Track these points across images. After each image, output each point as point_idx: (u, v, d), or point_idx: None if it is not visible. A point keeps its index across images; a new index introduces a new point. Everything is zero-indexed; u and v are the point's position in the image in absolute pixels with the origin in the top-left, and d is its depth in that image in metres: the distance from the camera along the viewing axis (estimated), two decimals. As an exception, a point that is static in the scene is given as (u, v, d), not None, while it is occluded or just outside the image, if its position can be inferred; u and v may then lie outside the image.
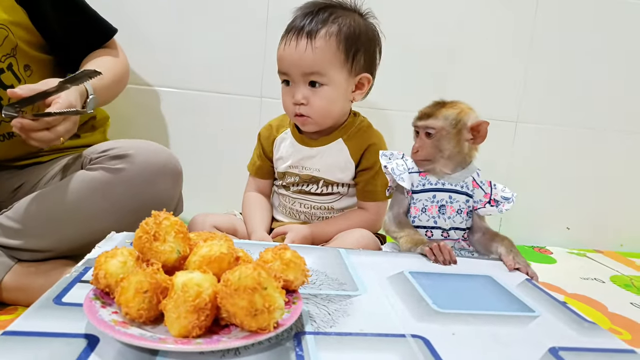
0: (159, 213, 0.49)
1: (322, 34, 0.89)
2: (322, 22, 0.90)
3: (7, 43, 0.86)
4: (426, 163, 0.80)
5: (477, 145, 0.81)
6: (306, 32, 0.89)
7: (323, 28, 0.89)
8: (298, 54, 0.89)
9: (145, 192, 0.83)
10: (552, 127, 1.37)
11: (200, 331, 0.42)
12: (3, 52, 0.86)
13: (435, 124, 0.78)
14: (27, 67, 0.91)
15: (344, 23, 0.91)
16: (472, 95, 1.28)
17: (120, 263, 0.47)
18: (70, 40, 0.96)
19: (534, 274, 0.72)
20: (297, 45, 0.89)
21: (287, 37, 0.91)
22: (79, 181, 0.82)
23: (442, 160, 0.79)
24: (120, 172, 0.82)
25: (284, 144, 1.02)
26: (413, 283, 0.65)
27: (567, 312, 0.60)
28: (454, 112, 0.78)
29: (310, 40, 0.88)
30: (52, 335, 0.43)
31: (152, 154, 0.86)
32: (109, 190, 0.81)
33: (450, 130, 0.77)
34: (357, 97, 0.97)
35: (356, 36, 0.92)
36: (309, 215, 1.02)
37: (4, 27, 0.85)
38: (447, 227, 0.80)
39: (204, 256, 0.47)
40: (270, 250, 0.52)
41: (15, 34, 0.87)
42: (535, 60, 1.32)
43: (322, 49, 0.88)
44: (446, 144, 0.78)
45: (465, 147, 0.79)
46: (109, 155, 0.84)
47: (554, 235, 1.42)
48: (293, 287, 0.51)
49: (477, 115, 0.79)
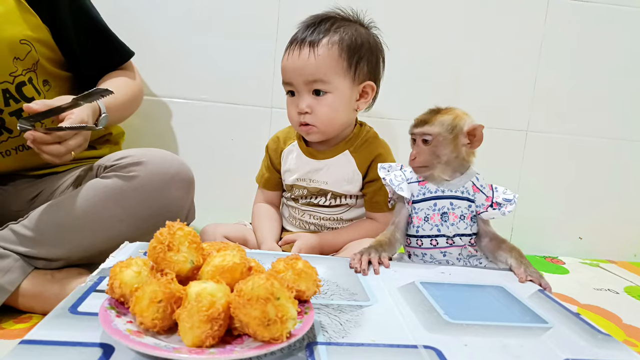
0: (173, 223, 0.49)
1: (324, 42, 0.90)
2: (324, 32, 0.91)
3: (29, 58, 0.90)
4: (424, 170, 0.80)
5: (474, 150, 0.81)
6: (308, 42, 0.90)
7: (325, 37, 0.91)
8: (301, 63, 0.90)
9: (158, 199, 0.84)
10: (563, 136, 1.36)
11: (213, 341, 0.42)
12: (25, 66, 0.89)
13: (432, 130, 0.78)
14: (46, 83, 0.94)
15: (346, 32, 0.92)
16: (481, 104, 1.30)
17: (134, 273, 0.48)
18: (88, 60, 0.99)
19: (547, 285, 0.71)
20: (300, 54, 0.90)
21: (290, 48, 0.93)
22: (92, 189, 0.84)
23: (439, 166, 0.79)
24: (133, 179, 0.83)
25: (291, 156, 1.03)
26: (424, 293, 0.64)
27: (581, 324, 0.59)
28: (450, 118, 0.79)
29: (312, 49, 0.90)
30: (68, 344, 0.44)
31: (165, 161, 0.87)
32: (122, 197, 0.83)
33: (447, 135, 0.78)
34: (361, 105, 0.98)
35: (358, 45, 0.93)
36: (318, 226, 1.02)
37: (27, 43, 0.89)
38: (451, 234, 0.80)
39: (217, 266, 0.48)
40: (282, 260, 0.52)
41: (38, 51, 0.91)
42: (545, 68, 1.32)
43: (324, 57, 0.90)
44: (443, 149, 0.78)
45: (462, 152, 0.79)
46: (122, 163, 0.85)
47: (566, 245, 1.41)
48: (305, 297, 0.51)
49: (473, 120, 0.79)
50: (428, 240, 0.82)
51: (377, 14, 0.99)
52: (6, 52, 0.86)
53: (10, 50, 0.87)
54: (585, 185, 1.39)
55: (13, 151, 0.93)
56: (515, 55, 1.31)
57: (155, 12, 1.19)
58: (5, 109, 0.89)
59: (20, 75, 0.89)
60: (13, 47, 0.87)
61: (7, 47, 0.86)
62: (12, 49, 0.87)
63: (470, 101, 1.29)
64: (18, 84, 0.89)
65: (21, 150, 0.93)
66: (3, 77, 0.87)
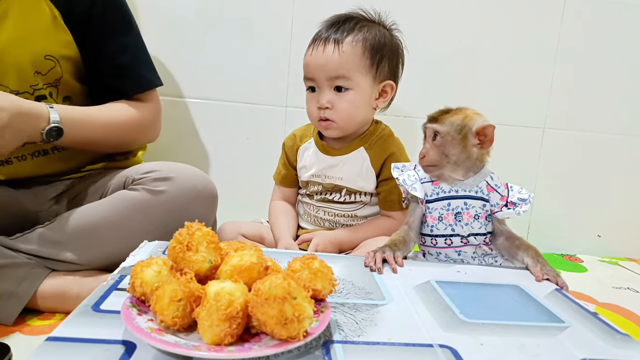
0: (192, 224, 0.50)
1: (348, 40, 0.92)
2: (348, 30, 0.93)
3: (52, 74, 0.91)
4: (433, 169, 0.80)
5: (488, 150, 0.81)
6: (333, 39, 0.92)
7: (349, 35, 0.92)
8: (325, 59, 0.92)
9: (183, 214, 0.85)
10: (581, 133, 1.35)
11: (232, 339, 0.43)
12: (46, 80, 0.91)
13: (441, 129, 0.78)
14: (67, 98, 0.96)
15: (370, 32, 0.94)
16: (498, 101, 1.29)
17: (155, 272, 0.49)
18: (104, 80, 0.97)
19: (564, 284, 0.71)
20: (325, 51, 0.92)
21: (314, 45, 0.95)
22: (120, 199, 0.86)
23: (449, 166, 0.79)
24: (161, 194, 0.85)
25: (307, 153, 1.04)
26: (440, 292, 0.65)
27: (599, 323, 0.59)
28: (459, 118, 0.78)
29: (337, 46, 0.91)
30: (91, 341, 0.45)
31: (192, 178, 0.89)
32: (149, 210, 0.85)
33: (456, 135, 0.78)
34: (380, 104, 0.99)
35: (381, 45, 0.94)
36: (333, 223, 1.03)
37: (52, 59, 0.90)
38: (466, 234, 0.80)
39: (235, 266, 0.48)
40: (298, 260, 0.53)
41: (63, 67, 0.92)
42: (562, 64, 1.31)
43: (348, 54, 0.91)
44: (452, 149, 0.78)
45: (473, 152, 0.79)
46: (151, 177, 0.87)
47: (585, 243, 1.39)
48: (321, 296, 0.52)
49: (485, 120, 0.79)
50: (442, 239, 0.82)
51: (394, 11, 0.99)
52: (28, 66, 0.88)
53: (32, 64, 0.88)
54: (604, 182, 1.37)
55: (29, 156, 0.94)
56: (532, 52, 1.30)
57: (170, 12, 1.21)
58: None
59: (41, 89, 0.91)
60: (36, 61, 0.89)
61: (30, 60, 0.88)
62: (35, 63, 0.89)
63: (487, 98, 1.28)
64: (37, 97, 0.90)
65: (37, 156, 0.95)
66: (23, 88, 0.89)
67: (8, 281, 0.76)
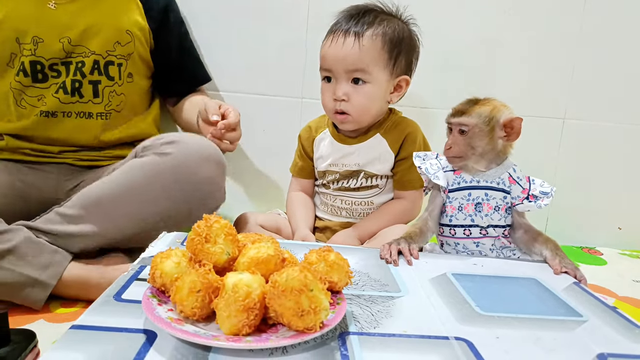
0: (210, 216, 0.51)
1: (368, 34, 0.92)
2: (368, 23, 0.94)
3: (127, 48, 1.04)
4: (458, 160, 0.80)
5: (512, 142, 0.80)
6: (353, 32, 0.93)
7: (369, 29, 0.93)
8: (344, 52, 0.92)
9: (191, 178, 0.87)
10: (601, 124, 1.32)
11: (249, 329, 0.44)
12: (122, 52, 1.04)
13: (469, 121, 0.77)
14: (130, 75, 1.07)
15: (389, 26, 0.95)
16: (517, 92, 1.27)
17: (174, 264, 0.50)
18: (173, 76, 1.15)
19: (583, 277, 0.70)
20: (344, 43, 0.92)
21: (334, 36, 0.95)
22: (131, 167, 0.89)
23: (474, 158, 0.79)
24: (168, 156, 0.87)
25: (324, 143, 1.05)
26: (456, 285, 0.65)
27: (617, 317, 0.58)
28: (487, 109, 0.78)
29: (357, 39, 0.92)
30: (114, 330, 0.46)
31: (198, 143, 0.91)
32: (157, 173, 0.87)
33: (484, 127, 0.77)
34: (394, 98, 1.00)
35: (400, 40, 0.95)
36: (350, 211, 1.03)
37: (131, 35, 1.04)
38: (485, 225, 0.80)
39: (252, 258, 0.49)
40: (315, 252, 0.54)
41: (136, 47, 1.05)
42: (584, 54, 1.28)
43: (368, 48, 0.92)
44: (479, 141, 0.77)
45: (498, 144, 0.78)
46: (159, 142, 0.91)
47: (605, 235, 1.36)
48: (337, 288, 0.52)
49: (512, 112, 0.78)
50: (461, 230, 0.82)
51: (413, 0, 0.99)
52: (111, 34, 1.02)
53: (115, 33, 1.02)
54: (625, 174, 1.34)
55: (74, 115, 1.02)
56: (552, 41, 1.27)
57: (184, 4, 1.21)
58: (88, 77, 1.01)
59: (115, 57, 1.03)
60: (119, 32, 1.02)
61: (115, 30, 1.02)
62: (118, 33, 1.02)
63: (505, 88, 1.26)
64: (108, 62, 1.02)
65: (81, 117, 1.02)
66: (100, 50, 1.01)
67: (33, 268, 0.78)
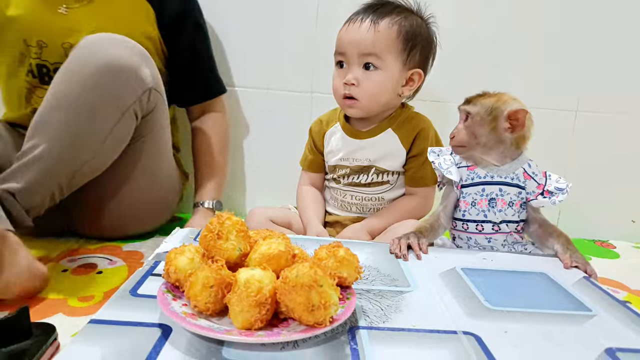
0: (222, 214, 0.52)
1: (385, 21, 0.93)
2: (386, 13, 0.94)
3: None
4: (462, 150, 0.80)
5: (524, 136, 0.79)
6: (370, 17, 0.94)
7: (387, 17, 0.94)
8: (359, 35, 0.93)
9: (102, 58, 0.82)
10: (612, 115, 1.30)
11: (261, 324, 0.45)
12: None
13: (472, 109, 0.79)
14: None
15: (407, 20, 0.95)
16: (529, 84, 1.26)
17: (188, 259, 0.51)
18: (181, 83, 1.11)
19: (593, 272, 0.70)
20: (361, 27, 0.93)
21: (351, 21, 0.96)
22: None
23: (478, 148, 0.79)
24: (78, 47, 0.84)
25: (334, 137, 1.05)
26: (465, 279, 0.65)
27: (627, 312, 0.58)
28: (492, 100, 0.78)
29: (373, 24, 0.93)
30: (130, 324, 0.48)
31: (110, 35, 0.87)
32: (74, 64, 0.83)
33: (485, 116, 0.77)
34: (405, 91, 0.99)
35: (416, 34, 0.95)
36: (360, 207, 1.04)
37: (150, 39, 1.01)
38: (498, 221, 0.80)
39: (264, 254, 0.50)
40: (325, 248, 0.55)
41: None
42: (594, 46, 1.26)
43: (383, 33, 0.92)
44: (480, 130, 0.78)
45: (506, 137, 0.78)
46: None
47: (618, 228, 1.35)
48: (347, 284, 0.53)
49: (522, 104, 0.78)
50: (474, 225, 0.82)
51: None
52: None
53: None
54: (637, 166, 1.32)
55: None
56: (565, 34, 1.26)
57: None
58: None
59: None
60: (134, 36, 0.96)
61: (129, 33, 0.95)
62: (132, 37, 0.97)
63: (519, 81, 1.26)
64: None
65: None
66: None
67: None
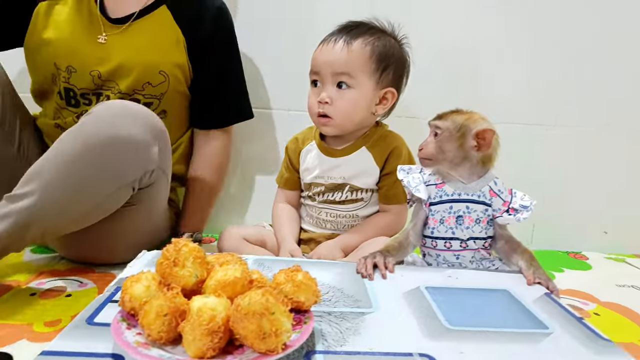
0: (179, 240, 0.52)
1: (359, 41, 0.96)
2: (360, 34, 0.97)
3: (160, 87, 1.00)
4: (429, 162, 0.82)
5: (491, 155, 0.81)
6: (344, 38, 0.96)
7: (360, 38, 0.96)
8: (333, 54, 0.95)
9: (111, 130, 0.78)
10: (586, 129, 1.33)
11: (214, 352, 0.45)
12: (153, 92, 1.00)
13: (441, 124, 0.80)
14: (164, 112, 1.03)
15: (380, 40, 0.98)
16: (506, 100, 1.28)
17: (144, 287, 0.51)
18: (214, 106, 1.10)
19: (555, 288, 0.71)
20: (334, 47, 0.96)
21: (325, 41, 0.98)
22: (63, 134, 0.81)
23: (445, 163, 0.80)
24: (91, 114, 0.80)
25: (310, 155, 1.06)
26: (428, 299, 0.66)
27: (584, 329, 0.59)
28: (463, 118, 0.80)
29: (347, 44, 0.95)
30: (83, 355, 0.48)
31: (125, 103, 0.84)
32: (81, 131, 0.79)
33: (454, 133, 0.79)
34: (379, 110, 1.01)
35: (389, 54, 0.98)
36: (335, 224, 1.04)
37: (164, 75, 0.99)
38: (465, 238, 0.81)
39: (219, 280, 0.50)
40: (283, 272, 0.55)
41: (171, 85, 1.01)
42: (565, 62, 1.29)
43: (356, 53, 0.95)
44: (448, 145, 0.79)
45: (472, 154, 0.79)
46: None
47: (591, 239, 1.37)
48: (305, 308, 0.53)
49: (490, 125, 0.79)
50: (442, 242, 0.83)
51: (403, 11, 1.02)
52: (142, 75, 0.97)
53: (147, 73, 0.97)
54: (609, 178, 1.35)
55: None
56: (540, 50, 1.29)
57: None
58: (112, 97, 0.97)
59: (142, 96, 0.99)
60: (152, 73, 0.98)
61: (147, 71, 0.97)
62: (149, 74, 0.98)
63: (495, 97, 1.28)
64: (134, 99, 0.97)
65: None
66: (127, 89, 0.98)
67: None
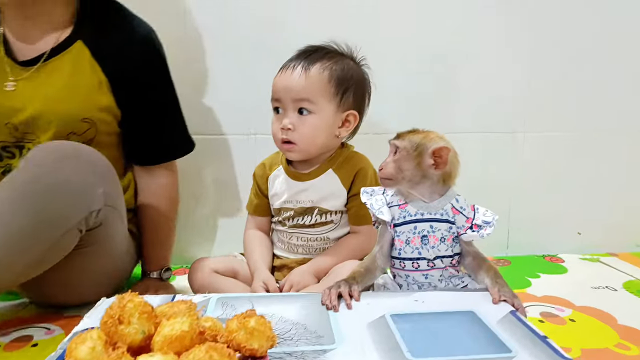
0: (124, 295, 0.51)
1: (316, 67, 0.96)
2: (318, 58, 0.97)
3: (87, 135, 0.95)
4: (389, 182, 0.82)
5: (451, 173, 0.81)
6: (302, 64, 0.96)
7: (318, 62, 0.96)
8: (291, 81, 0.96)
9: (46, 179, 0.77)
10: (557, 133, 1.35)
11: (161, 414, 0.44)
12: (80, 139, 0.94)
13: (399, 143, 0.81)
14: None
15: (338, 64, 0.98)
16: (474, 108, 1.29)
17: (89, 349, 0.49)
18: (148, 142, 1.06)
19: (520, 305, 0.71)
20: (293, 74, 0.96)
21: (284, 68, 0.98)
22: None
23: (404, 182, 0.80)
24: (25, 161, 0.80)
25: (278, 180, 1.05)
26: (392, 328, 0.65)
27: (547, 350, 0.59)
28: (420, 137, 0.80)
29: (305, 71, 0.95)
30: None
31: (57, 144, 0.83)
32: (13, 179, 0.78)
33: (411, 152, 0.79)
34: (342, 132, 1.01)
35: (348, 77, 0.98)
36: (306, 248, 1.04)
37: (89, 122, 0.94)
38: (432, 257, 0.81)
39: (166, 336, 0.49)
40: (236, 318, 0.54)
41: (99, 129, 0.97)
42: (537, 68, 1.31)
43: (314, 79, 0.95)
44: (406, 164, 0.79)
45: (430, 173, 0.79)
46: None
47: (566, 241, 1.39)
48: (259, 354, 0.52)
49: (448, 144, 0.80)
50: (410, 262, 0.82)
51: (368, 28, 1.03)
52: (63, 127, 0.92)
53: (69, 124, 0.93)
54: (581, 180, 1.37)
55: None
56: (507, 58, 1.30)
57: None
58: None
59: None
60: (74, 123, 0.93)
61: (68, 121, 0.92)
62: (71, 124, 0.93)
63: (466, 105, 1.29)
64: None
65: None
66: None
67: None
